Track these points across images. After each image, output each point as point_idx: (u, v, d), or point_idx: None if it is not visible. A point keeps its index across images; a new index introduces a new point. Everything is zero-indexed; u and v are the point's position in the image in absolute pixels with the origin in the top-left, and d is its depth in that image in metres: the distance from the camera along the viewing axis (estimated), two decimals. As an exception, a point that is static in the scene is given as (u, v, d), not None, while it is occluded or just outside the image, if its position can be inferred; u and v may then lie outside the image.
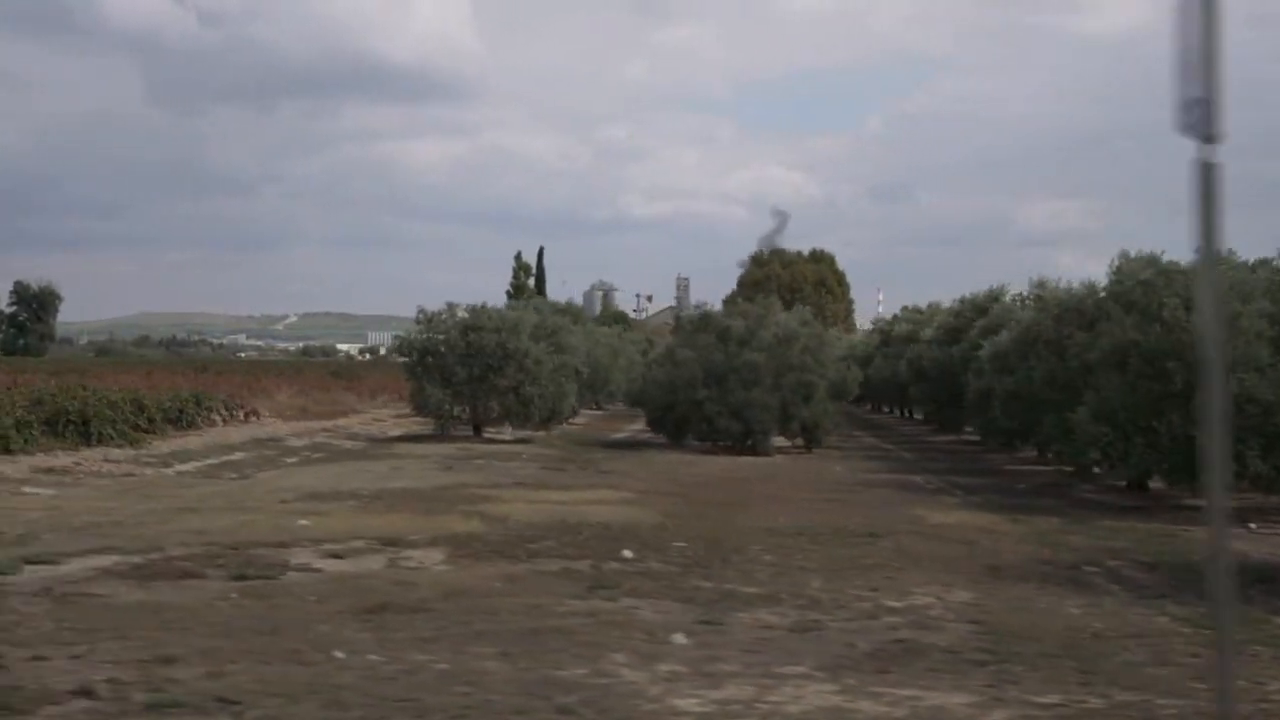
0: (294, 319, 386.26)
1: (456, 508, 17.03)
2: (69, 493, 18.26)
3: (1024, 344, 20.57)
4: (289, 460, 24.70)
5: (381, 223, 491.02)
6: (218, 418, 31.05)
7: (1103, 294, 19.37)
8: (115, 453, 23.99)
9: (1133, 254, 19.40)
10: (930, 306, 39.13)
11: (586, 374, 30.44)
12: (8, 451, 21.91)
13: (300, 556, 12.60)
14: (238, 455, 25.06)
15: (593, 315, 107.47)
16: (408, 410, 43.33)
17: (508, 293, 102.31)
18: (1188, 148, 3.61)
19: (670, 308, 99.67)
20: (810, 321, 29.67)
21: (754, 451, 27.20)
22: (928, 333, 33.62)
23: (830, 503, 18.86)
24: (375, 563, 12.47)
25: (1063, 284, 21.75)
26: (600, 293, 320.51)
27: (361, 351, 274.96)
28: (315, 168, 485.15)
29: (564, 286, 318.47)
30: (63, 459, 22.29)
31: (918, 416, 43.35)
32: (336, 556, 12.68)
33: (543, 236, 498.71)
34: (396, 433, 32.53)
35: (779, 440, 28.50)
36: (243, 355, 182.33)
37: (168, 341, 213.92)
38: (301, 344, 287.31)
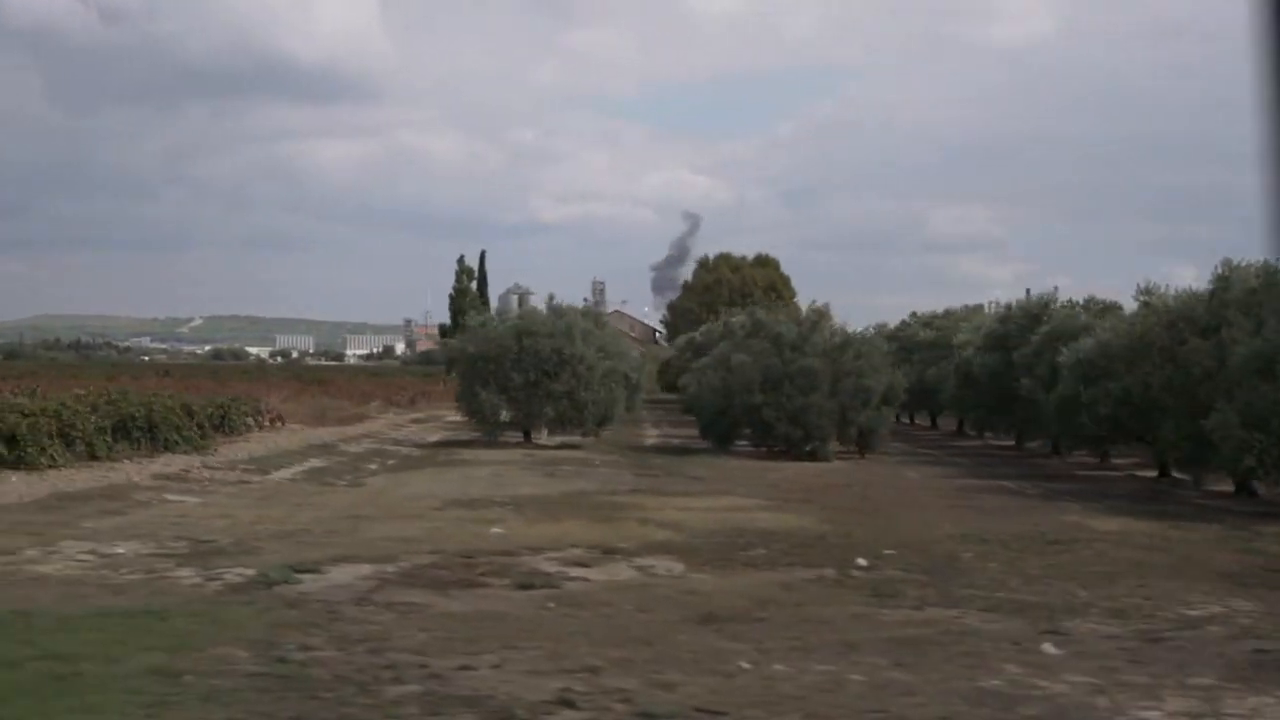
0: (199, 321, 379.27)
1: (620, 514, 16.93)
2: (213, 500, 17.87)
3: (1133, 350, 20.90)
4: (370, 466, 24.34)
5: (287, 224, 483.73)
6: (251, 423, 30.46)
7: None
8: (182, 459, 23.44)
9: (1237, 261, 19.82)
10: (949, 312, 39.54)
11: (636, 379, 30.35)
12: (94, 459, 21.35)
13: (545, 565, 12.47)
14: (315, 461, 24.66)
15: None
16: (420, 415, 43.05)
17: (450, 296, 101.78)
18: (1089, 155, 3.49)
19: (616, 311, 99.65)
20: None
21: (813, 457, 27.33)
22: (960, 337, 34.07)
23: (962, 509, 19.03)
24: (626, 572, 12.37)
25: (1169, 290, 22.07)
26: (516, 296, 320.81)
27: (273, 355, 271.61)
28: (219, 168, 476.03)
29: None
30: (151, 466, 21.78)
31: (925, 422, 43.73)
32: (583, 565, 12.56)
33: (452, 239, 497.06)
34: (435, 438, 32.22)
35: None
36: (145, 359, 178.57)
37: (74, 344, 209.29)
38: (207, 347, 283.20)
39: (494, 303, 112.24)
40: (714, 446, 29.95)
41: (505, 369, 28.72)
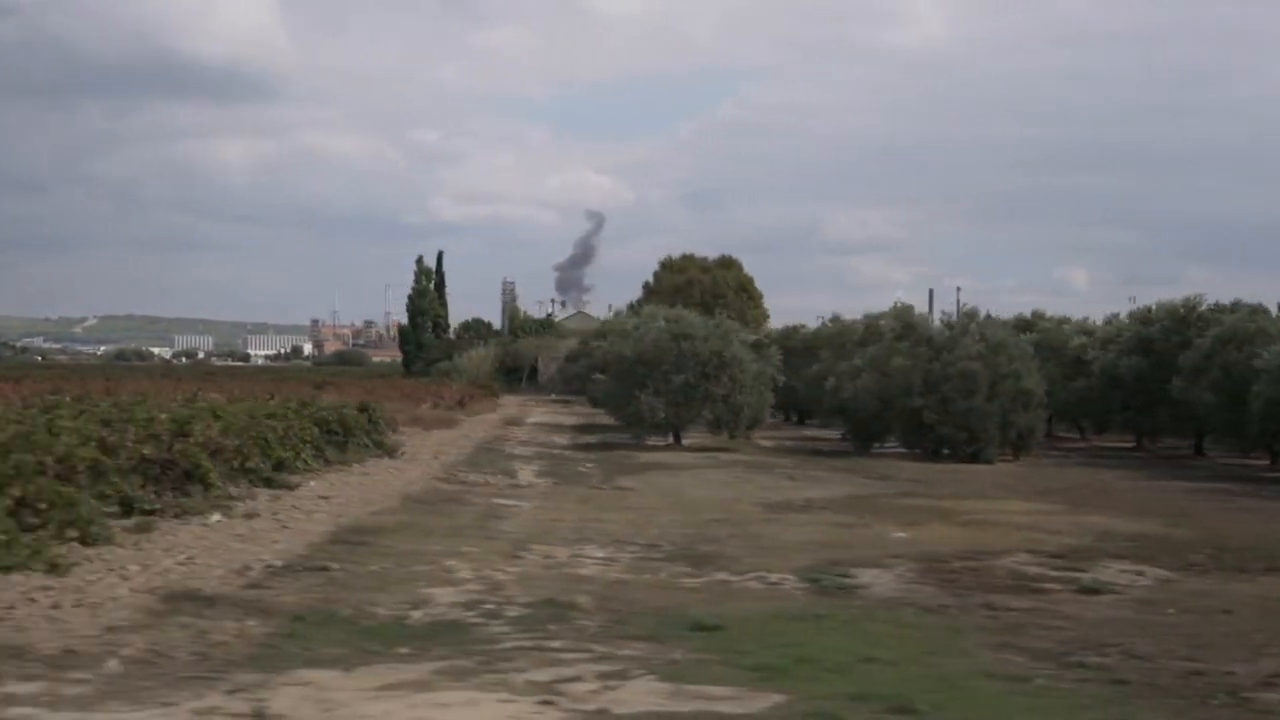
0: (93, 321, 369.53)
1: (968, 519, 16.82)
2: (535, 503, 17.47)
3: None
4: (580, 469, 23.82)
5: (185, 224, 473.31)
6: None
7: None
8: (380, 463, 22.77)
9: None
10: (1056, 318, 39.73)
11: (782, 382, 30.24)
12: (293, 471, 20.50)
13: (1033, 569, 12.35)
14: (522, 464, 24.20)
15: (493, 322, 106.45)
16: (493, 416, 42.40)
17: (410, 296, 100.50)
18: (988, 159, 3.70)
19: (579, 312, 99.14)
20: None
21: (975, 459, 27.49)
22: (1075, 340, 34.53)
23: (1228, 509, 19.31)
24: (1139, 579, 12.25)
25: None
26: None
27: (175, 355, 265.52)
28: (114, 167, 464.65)
29: (387, 291, 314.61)
30: (403, 471, 21.25)
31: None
32: (1077, 570, 12.35)
33: (353, 239, 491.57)
34: (566, 439, 31.81)
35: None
36: (39, 358, 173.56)
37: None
38: (103, 348, 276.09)
39: (451, 304, 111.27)
40: (856, 448, 30.06)
41: (664, 372, 28.46)
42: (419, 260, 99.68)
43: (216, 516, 13.50)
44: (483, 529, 14.31)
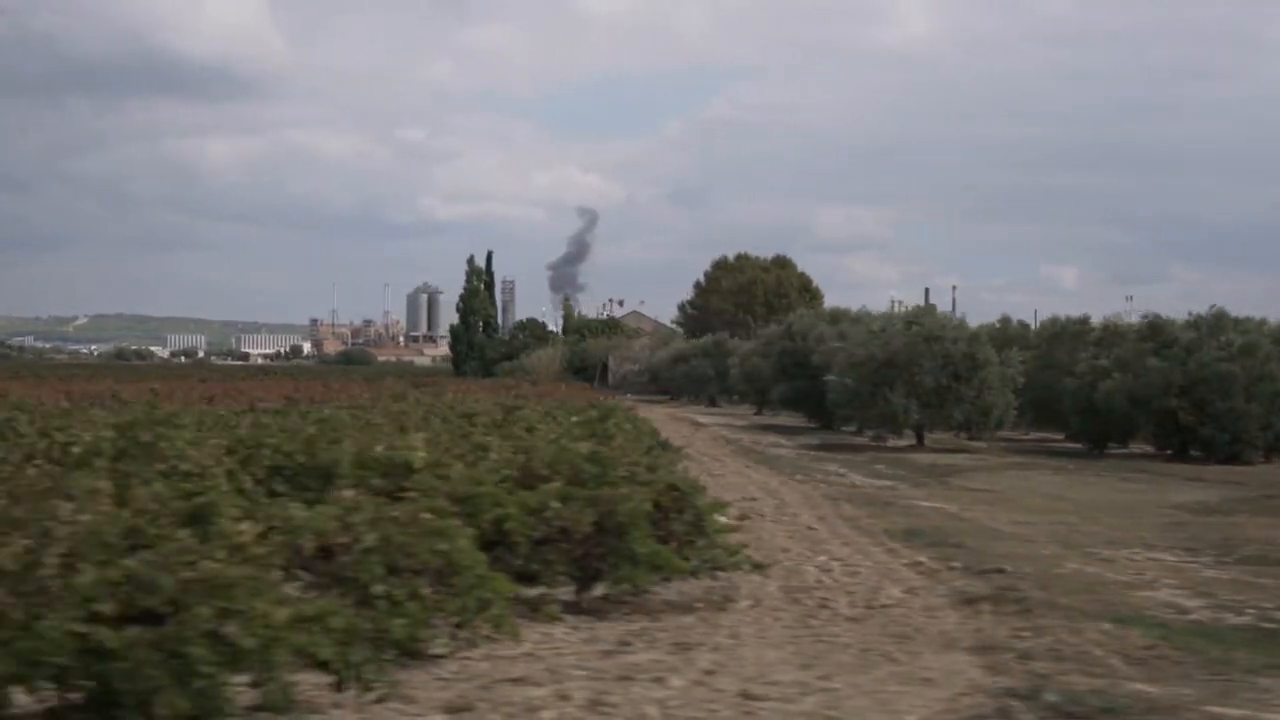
0: (84, 320, 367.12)
1: None
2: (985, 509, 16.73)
3: None
4: (879, 467, 23.07)
5: (175, 222, 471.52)
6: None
7: None
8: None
9: None
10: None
11: (1023, 383, 29.54)
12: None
13: None
14: (829, 466, 23.49)
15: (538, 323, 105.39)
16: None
17: (461, 297, 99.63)
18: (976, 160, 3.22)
19: (635, 311, 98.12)
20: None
21: (1234, 460, 26.90)
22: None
23: None
24: None
25: None
26: (425, 296, 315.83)
27: (174, 354, 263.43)
28: (103, 165, 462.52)
29: (385, 290, 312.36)
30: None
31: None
32: None
33: (343, 238, 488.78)
34: (799, 443, 31.12)
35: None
36: (20, 358, 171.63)
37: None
38: (94, 347, 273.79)
39: (500, 303, 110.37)
40: (1090, 449, 29.50)
41: (915, 372, 27.81)
42: (470, 260, 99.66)
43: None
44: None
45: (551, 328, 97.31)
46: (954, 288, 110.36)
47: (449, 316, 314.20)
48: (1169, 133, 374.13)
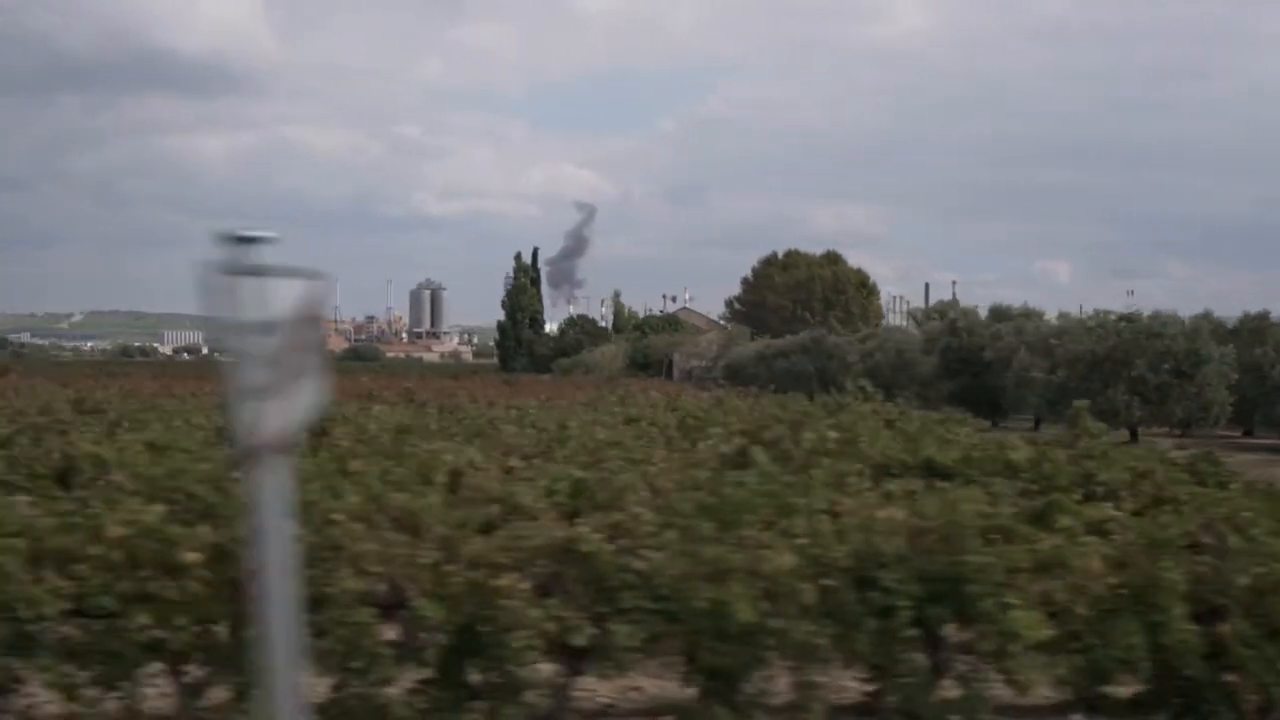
0: (79, 317, 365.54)
1: None
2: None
3: None
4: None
5: (167, 219, 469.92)
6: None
7: None
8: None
9: None
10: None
11: (1235, 379, 29.34)
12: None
13: None
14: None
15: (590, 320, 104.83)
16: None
17: (509, 293, 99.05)
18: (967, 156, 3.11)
19: (684, 308, 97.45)
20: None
21: None
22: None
23: None
24: None
25: None
26: (428, 292, 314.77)
27: (176, 351, 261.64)
28: (96, 162, 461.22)
29: (389, 286, 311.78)
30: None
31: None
32: None
33: (336, 234, 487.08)
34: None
35: None
36: (36, 355, 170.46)
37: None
38: (90, 344, 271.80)
39: (548, 302, 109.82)
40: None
41: (1139, 368, 27.62)
42: (517, 257, 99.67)
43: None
44: None
45: (601, 323, 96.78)
46: (954, 283, 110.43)
47: (451, 312, 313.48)
48: (1162, 130, 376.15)
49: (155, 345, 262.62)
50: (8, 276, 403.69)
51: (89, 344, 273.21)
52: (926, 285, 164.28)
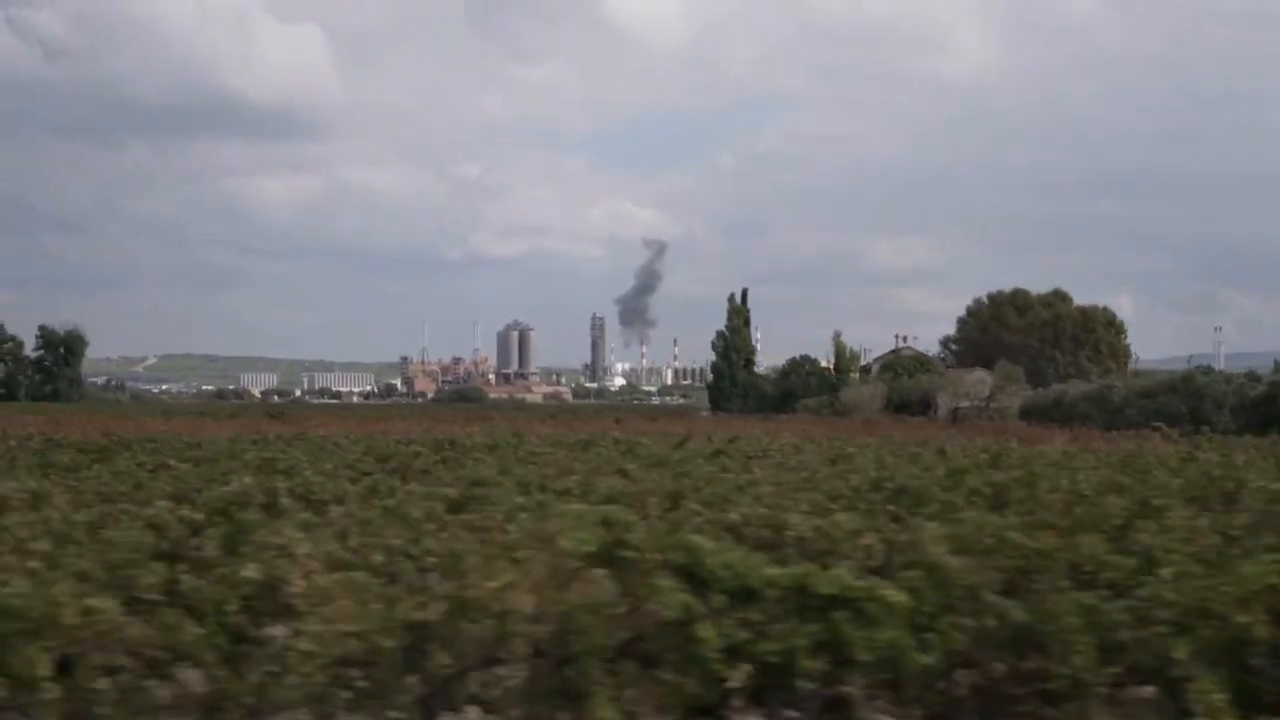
0: (153, 360, 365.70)
1: None
2: None
3: None
4: None
5: (232, 261, 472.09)
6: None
7: None
8: None
9: None
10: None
11: None
12: None
13: None
14: None
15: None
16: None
17: (724, 334, 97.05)
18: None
19: (907, 345, 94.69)
20: None
21: None
22: None
23: None
24: None
25: None
26: (516, 333, 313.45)
27: (265, 394, 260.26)
28: (163, 205, 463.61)
29: (475, 328, 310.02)
30: None
31: None
32: None
33: (397, 274, 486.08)
34: None
35: None
36: (141, 399, 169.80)
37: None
38: (164, 386, 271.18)
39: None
40: None
41: None
42: (730, 298, 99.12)
43: None
44: None
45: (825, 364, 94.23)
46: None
47: (539, 353, 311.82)
48: (1216, 160, 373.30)
49: (247, 389, 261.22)
50: (83, 321, 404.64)
51: (163, 387, 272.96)
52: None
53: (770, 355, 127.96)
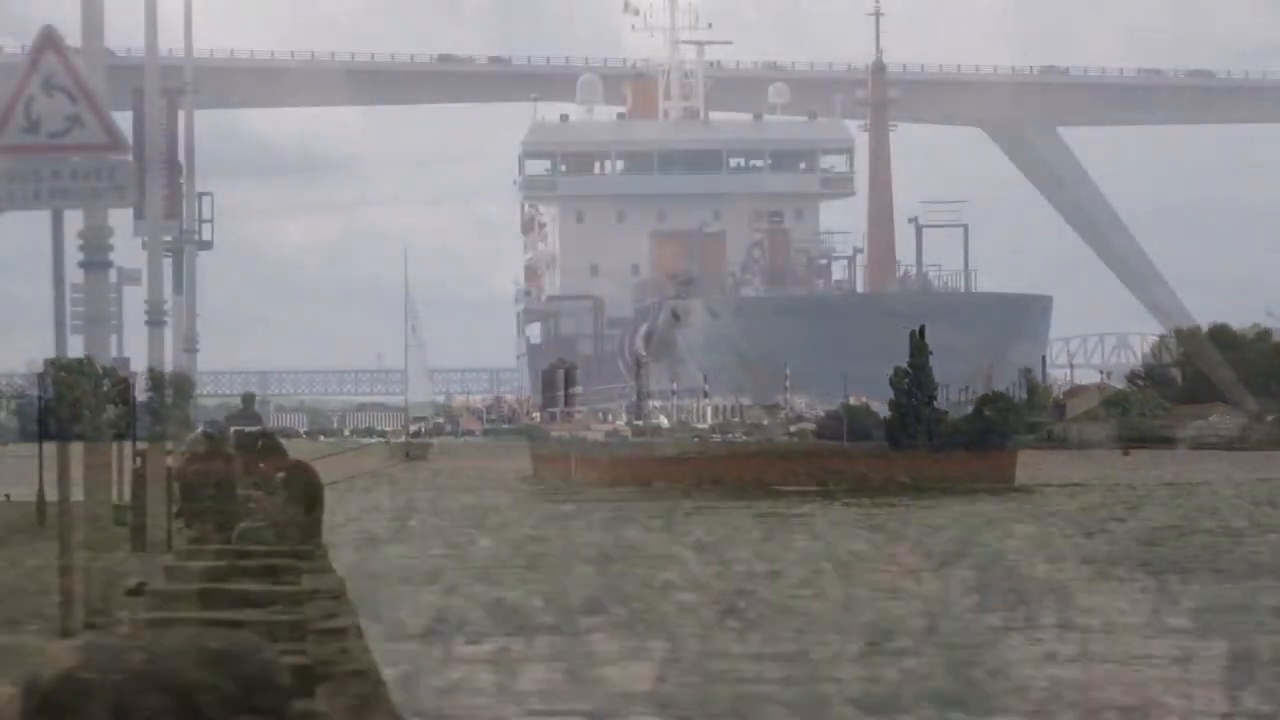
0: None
1: None
2: None
3: None
4: None
5: (252, 301, 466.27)
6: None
7: None
8: None
9: None
10: None
11: None
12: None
13: None
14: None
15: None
16: None
17: (898, 371, 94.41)
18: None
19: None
20: None
21: None
22: None
23: None
24: None
25: None
26: (561, 371, 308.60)
27: (311, 433, 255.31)
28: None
29: (520, 359, 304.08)
30: None
31: None
32: None
33: (425, 315, 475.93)
34: None
35: None
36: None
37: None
38: (200, 427, 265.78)
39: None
40: None
41: None
42: (911, 335, 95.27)
43: None
44: None
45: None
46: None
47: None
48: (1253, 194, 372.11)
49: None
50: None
51: (199, 428, 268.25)
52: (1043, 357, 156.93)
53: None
